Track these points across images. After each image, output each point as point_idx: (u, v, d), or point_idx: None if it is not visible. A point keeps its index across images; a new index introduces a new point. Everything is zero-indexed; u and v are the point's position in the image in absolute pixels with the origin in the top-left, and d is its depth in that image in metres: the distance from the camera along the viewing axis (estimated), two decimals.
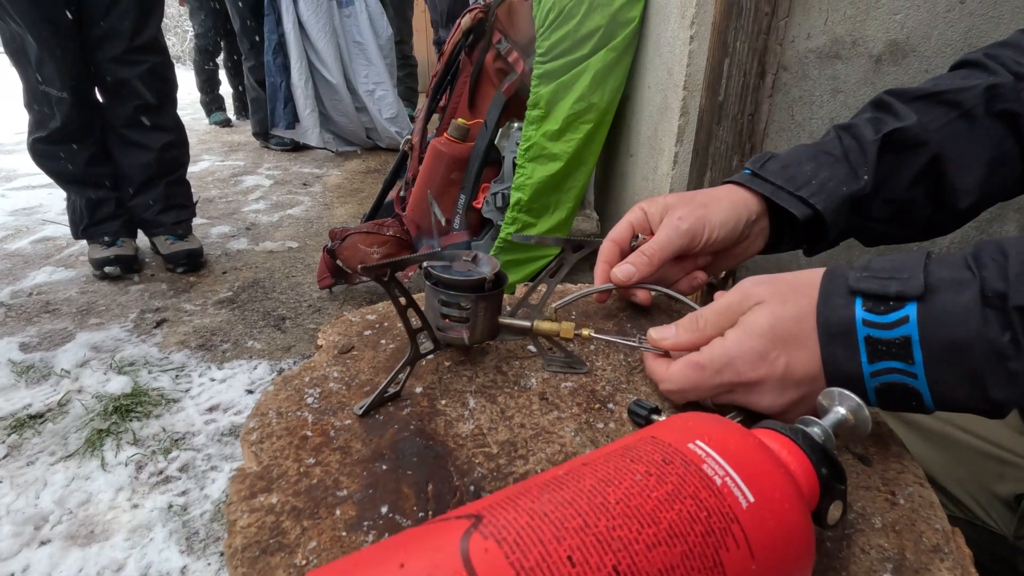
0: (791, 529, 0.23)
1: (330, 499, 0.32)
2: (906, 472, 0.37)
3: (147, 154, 1.71)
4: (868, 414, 0.32)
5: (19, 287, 1.64)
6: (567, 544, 0.19)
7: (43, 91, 1.55)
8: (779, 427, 0.29)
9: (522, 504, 0.21)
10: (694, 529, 0.21)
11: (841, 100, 1.06)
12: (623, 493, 0.21)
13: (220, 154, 3.37)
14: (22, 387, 1.16)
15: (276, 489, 0.33)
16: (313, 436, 0.37)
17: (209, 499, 0.91)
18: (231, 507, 0.32)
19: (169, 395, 1.15)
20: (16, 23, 1.46)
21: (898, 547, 0.31)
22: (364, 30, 3.14)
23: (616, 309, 0.55)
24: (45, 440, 1.01)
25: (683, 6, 1.02)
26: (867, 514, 0.33)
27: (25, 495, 0.90)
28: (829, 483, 0.27)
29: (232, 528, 0.30)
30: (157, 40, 1.67)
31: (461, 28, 1.54)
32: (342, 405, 0.40)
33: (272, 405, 0.40)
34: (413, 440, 0.37)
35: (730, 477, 0.23)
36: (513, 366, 0.45)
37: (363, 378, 0.43)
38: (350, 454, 0.36)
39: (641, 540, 0.20)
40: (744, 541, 0.21)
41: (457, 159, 1.52)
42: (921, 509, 0.34)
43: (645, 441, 0.25)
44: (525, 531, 0.19)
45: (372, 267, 0.35)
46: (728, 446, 0.24)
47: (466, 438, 0.37)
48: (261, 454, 0.35)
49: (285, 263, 1.85)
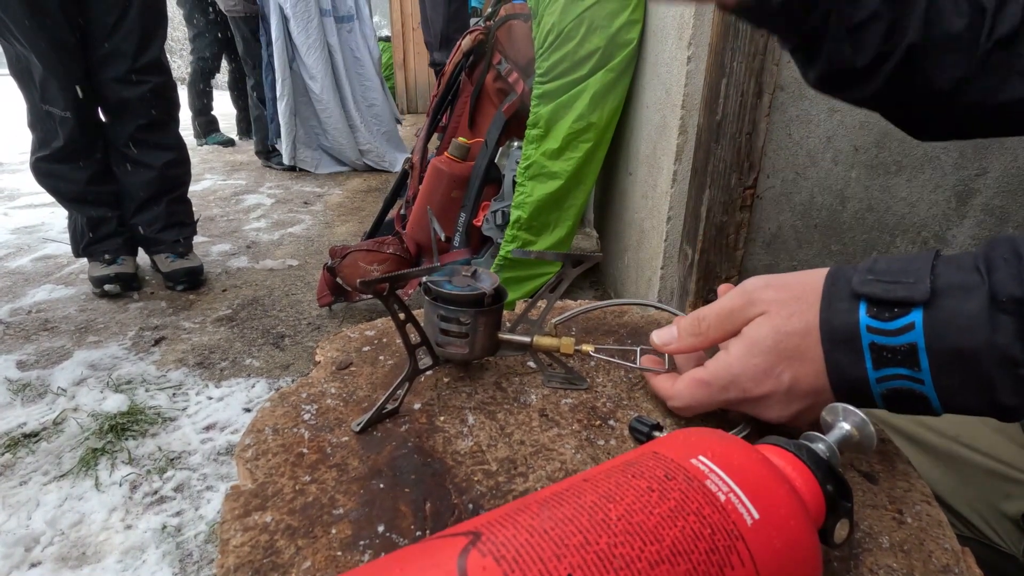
0: (797, 547, 0.22)
1: (326, 517, 0.32)
2: (913, 490, 0.36)
3: (149, 172, 1.73)
4: (873, 430, 0.31)
5: (18, 305, 1.63)
6: (567, 562, 0.19)
7: (46, 111, 1.57)
8: (784, 443, 0.29)
9: (521, 521, 0.20)
10: (698, 547, 0.20)
11: (838, 119, 1.07)
12: (625, 510, 0.21)
13: (222, 173, 3.39)
14: (17, 405, 1.15)
15: (271, 507, 0.32)
16: (309, 453, 0.36)
17: (204, 520, 0.89)
18: (224, 526, 0.31)
19: (166, 413, 1.13)
20: (21, 44, 1.48)
21: (907, 567, 0.30)
22: (361, 47, 3.19)
23: (616, 325, 0.55)
24: (39, 459, 1.00)
25: (680, 27, 1.04)
26: (874, 533, 0.32)
27: (17, 515, 0.88)
28: (835, 500, 0.27)
29: (224, 547, 0.30)
30: (160, 61, 1.69)
31: (462, 49, 1.56)
32: (339, 421, 0.39)
33: (268, 422, 0.39)
34: (411, 457, 0.36)
35: (734, 493, 0.22)
36: (513, 382, 0.45)
37: (361, 394, 0.43)
38: (347, 471, 0.35)
39: (644, 558, 0.19)
40: (750, 559, 0.21)
41: (458, 177, 1.53)
42: (930, 528, 0.33)
43: (647, 456, 0.24)
44: (524, 548, 0.19)
45: (371, 281, 0.35)
46: (732, 461, 0.24)
47: (465, 455, 0.37)
48: (256, 471, 0.35)
49: (285, 281, 1.85)
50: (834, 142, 1.08)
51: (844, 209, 1.14)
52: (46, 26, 1.46)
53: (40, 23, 1.45)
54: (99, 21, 1.54)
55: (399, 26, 5.96)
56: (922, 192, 1.13)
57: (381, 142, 3.39)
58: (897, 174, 1.12)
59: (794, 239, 1.16)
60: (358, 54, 3.19)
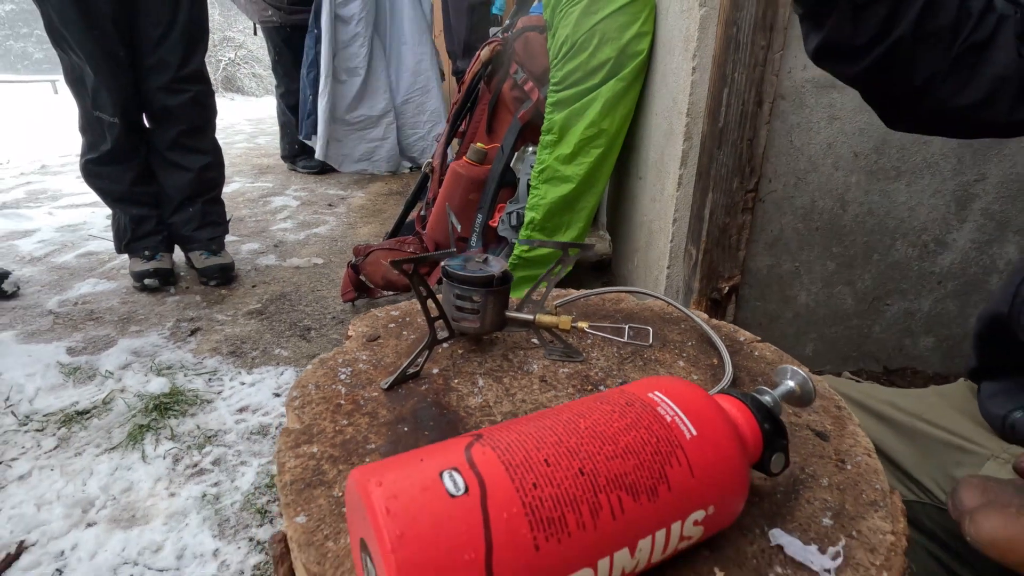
0: (726, 461, 0.29)
1: (360, 450, 0.39)
2: (857, 446, 0.42)
3: (187, 175, 1.84)
4: (812, 387, 0.37)
5: (66, 297, 1.75)
6: (545, 452, 0.25)
7: (96, 116, 1.69)
8: (735, 392, 0.35)
9: (513, 428, 0.27)
10: (646, 449, 0.27)
11: (838, 126, 1.12)
12: (591, 422, 0.28)
13: (250, 176, 3.53)
14: (70, 386, 1.26)
15: (316, 441, 0.40)
16: (345, 404, 0.44)
17: (239, 490, 0.98)
18: (280, 454, 0.38)
19: (203, 396, 1.23)
20: (77, 55, 1.60)
21: (839, 501, 0.36)
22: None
23: (613, 311, 0.61)
24: (91, 434, 1.10)
25: (686, 40, 1.10)
26: (816, 476, 0.39)
27: (73, 482, 0.98)
28: (772, 437, 0.33)
29: (282, 468, 0.37)
30: (201, 71, 1.81)
31: (481, 59, 1.64)
32: (370, 381, 0.47)
33: (311, 380, 0.47)
34: (430, 409, 0.43)
35: (679, 416, 0.29)
36: (518, 355, 0.52)
37: (388, 361, 0.50)
38: (377, 418, 0.42)
39: (602, 453, 0.26)
40: (686, 462, 0.27)
41: (475, 181, 1.61)
42: (866, 474, 0.39)
43: (615, 392, 0.31)
44: (514, 443, 0.26)
45: (399, 260, 0.42)
46: (682, 396, 0.30)
47: (475, 409, 0.44)
48: (303, 416, 0.42)
49: (311, 278, 1.94)
50: (834, 148, 1.13)
51: (845, 213, 1.19)
52: (100, 38, 1.58)
53: (94, 36, 1.57)
54: (146, 34, 1.66)
55: None
56: (921, 197, 1.17)
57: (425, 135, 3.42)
58: (896, 179, 1.16)
59: (796, 241, 1.21)
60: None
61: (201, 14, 1.77)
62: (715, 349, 0.53)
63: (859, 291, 1.27)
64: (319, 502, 0.34)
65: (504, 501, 0.23)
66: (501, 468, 0.24)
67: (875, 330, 1.31)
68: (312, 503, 0.34)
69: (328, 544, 0.31)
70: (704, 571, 0.30)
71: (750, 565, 0.31)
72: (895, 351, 1.33)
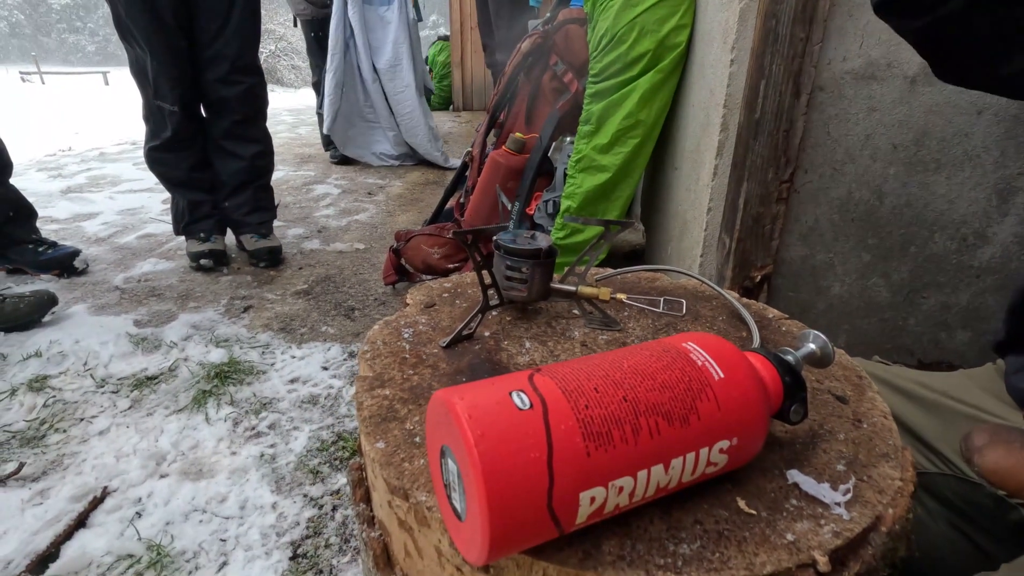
0: (750, 401, 0.33)
1: (427, 394, 0.45)
2: (875, 409, 0.46)
3: (240, 162, 1.95)
4: (832, 350, 0.41)
5: (129, 274, 1.88)
6: (594, 382, 0.30)
7: (158, 106, 1.80)
8: (761, 351, 0.39)
9: (567, 365, 0.32)
10: (679, 385, 0.32)
11: (877, 118, 1.12)
12: (633, 363, 0.33)
13: (293, 165, 3.66)
14: (139, 354, 1.37)
15: (387, 386, 0.46)
16: (410, 358, 0.50)
17: (293, 452, 1.06)
18: (358, 395, 0.45)
19: (258, 367, 1.32)
20: (141, 48, 1.72)
21: (853, 452, 0.40)
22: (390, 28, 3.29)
23: (649, 288, 0.66)
24: (160, 397, 1.20)
25: (725, 33, 1.12)
26: (834, 431, 0.43)
27: (146, 439, 1.08)
28: (792, 389, 0.37)
29: (360, 407, 0.43)
30: (255, 64, 1.91)
31: (522, 51, 1.69)
32: (429, 340, 0.53)
33: (379, 337, 0.53)
34: (484, 364, 0.49)
35: (708, 361, 0.33)
36: (561, 323, 0.57)
37: (444, 324, 0.56)
38: (438, 370, 0.48)
39: (642, 386, 0.31)
40: (714, 398, 0.32)
41: (513, 169, 1.66)
42: (880, 432, 0.43)
43: (654, 342, 0.36)
44: (569, 374, 0.31)
45: (459, 232, 0.48)
46: (712, 346, 0.35)
47: (523, 366, 0.49)
48: (375, 365, 0.48)
49: (353, 262, 2.03)
50: (872, 140, 1.14)
51: (882, 204, 1.19)
52: (161, 31, 1.69)
53: (157, 28, 1.68)
54: (205, 28, 1.76)
55: (457, 25, 6.16)
56: (961, 190, 1.17)
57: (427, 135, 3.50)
58: (936, 172, 1.16)
59: (831, 232, 1.22)
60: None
61: (255, 9, 1.86)
62: (744, 324, 0.57)
63: (894, 283, 1.27)
64: (394, 433, 0.40)
65: (562, 416, 0.28)
66: (559, 391, 0.29)
67: (910, 323, 1.31)
68: (388, 433, 0.40)
69: (405, 464, 0.37)
70: (728, 500, 0.35)
71: (768, 498, 0.36)
72: (930, 344, 1.33)
